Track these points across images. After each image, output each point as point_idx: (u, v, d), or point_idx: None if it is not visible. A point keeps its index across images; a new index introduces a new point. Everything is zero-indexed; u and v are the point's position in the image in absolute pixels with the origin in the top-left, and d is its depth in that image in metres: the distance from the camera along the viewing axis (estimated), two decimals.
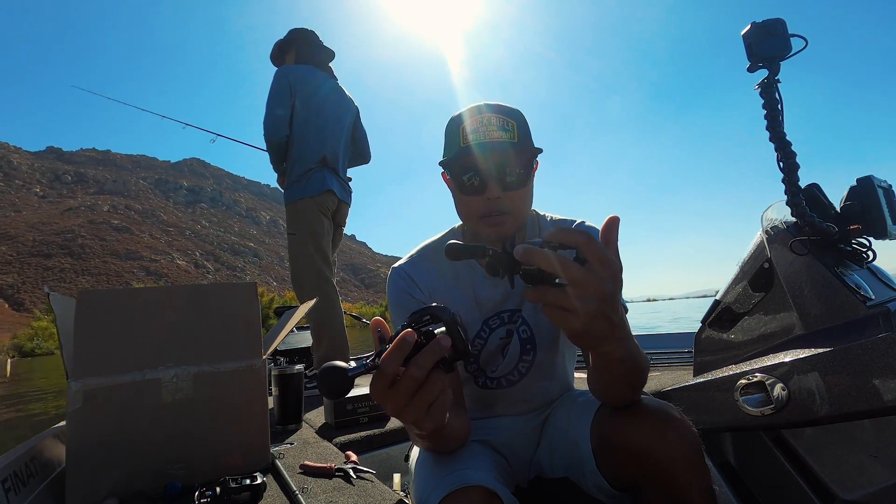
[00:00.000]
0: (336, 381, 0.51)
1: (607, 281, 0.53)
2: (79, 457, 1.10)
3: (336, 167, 2.59)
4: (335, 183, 2.56)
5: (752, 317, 1.18)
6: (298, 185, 2.49)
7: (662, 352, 2.61)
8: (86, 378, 1.13)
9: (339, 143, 2.64)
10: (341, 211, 2.67)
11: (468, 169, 0.89)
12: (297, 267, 2.48)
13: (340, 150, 2.65)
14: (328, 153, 2.54)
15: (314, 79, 2.59)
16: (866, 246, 1.18)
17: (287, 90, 2.49)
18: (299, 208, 2.48)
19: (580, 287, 0.52)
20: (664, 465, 0.70)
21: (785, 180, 1.09)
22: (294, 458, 1.35)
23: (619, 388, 0.76)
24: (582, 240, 0.52)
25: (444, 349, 0.52)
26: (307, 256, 2.44)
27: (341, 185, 2.63)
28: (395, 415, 0.55)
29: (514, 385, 1.02)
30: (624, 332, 0.61)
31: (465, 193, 0.91)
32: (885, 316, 0.95)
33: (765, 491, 1.11)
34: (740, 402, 1.03)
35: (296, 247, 2.47)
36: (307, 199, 2.46)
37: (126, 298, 1.26)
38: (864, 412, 0.87)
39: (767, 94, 1.10)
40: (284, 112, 2.49)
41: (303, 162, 2.50)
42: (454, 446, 0.84)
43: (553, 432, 0.98)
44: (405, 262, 1.03)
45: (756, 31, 1.08)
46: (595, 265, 0.52)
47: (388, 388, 0.52)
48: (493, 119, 0.88)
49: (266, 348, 1.37)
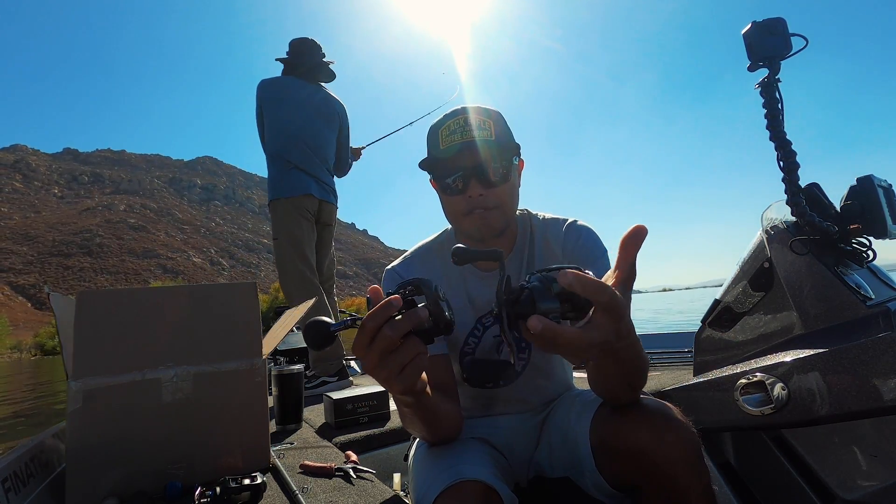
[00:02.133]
0: (319, 333, 0.57)
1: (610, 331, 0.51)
2: (79, 457, 1.10)
3: (313, 170, 2.67)
4: (313, 185, 2.64)
5: (752, 316, 1.18)
6: (273, 184, 2.62)
7: (662, 351, 2.61)
8: (86, 378, 1.13)
9: (315, 147, 2.71)
10: (325, 210, 2.73)
11: (448, 170, 0.92)
12: (280, 272, 2.61)
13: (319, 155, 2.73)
14: (298, 157, 2.64)
15: (289, 88, 2.71)
16: (866, 245, 1.18)
17: (257, 104, 2.71)
18: (277, 210, 2.60)
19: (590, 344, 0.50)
20: (663, 465, 0.70)
21: (785, 179, 1.09)
22: (294, 458, 1.35)
23: (619, 386, 0.76)
24: (599, 298, 0.49)
25: (420, 318, 0.54)
26: (289, 262, 2.56)
27: (320, 185, 2.70)
28: (369, 371, 0.58)
29: (511, 383, 1.02)
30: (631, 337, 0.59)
31: (448, 194, 0.94)
32: (885, 315, 0.95)
33: (765, 491, 1.11)
34: (740, 401, 1.03)
35: (279, 252, 2.60)
36: (283, 200, 2.58)
37: (126, 298, 1.26)
38: (864, 412, 0.87)
39: (768, 93, 1.10)
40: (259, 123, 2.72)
41: (276, 164, 2.63)
42: (444, 430, 0.85)
43: (552, 431, 0.98)
44: (399, 262, 1.05)
45: (756, 31, 1.08)
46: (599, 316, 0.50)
47: (366, 345, 0.55)
48: (469, 120, 0.90)
49: (266, 348, 1.37)
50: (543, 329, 0.47)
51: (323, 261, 2.80)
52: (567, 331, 0.49)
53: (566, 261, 0.96)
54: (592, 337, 0.50)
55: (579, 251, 0.96)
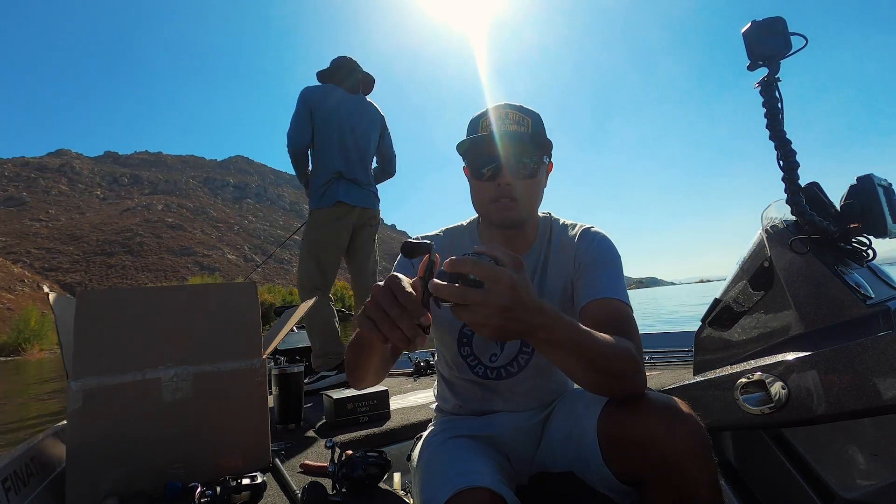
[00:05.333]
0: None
1: (503, 295, 0.59)
2: (79, 457, 1.10)
3: (355, 178, 2.73)
4: (355, 192, 2.71)
5: (751, 315, 1.17)
6: (316, 196, 2.70)
7: (662, 351, 2.61)
8: (86, 378, 1.13)
9: (359, 156, 2.78)
10: (365, 215, 2.79)
11: (483, 154, 0.97)
12: (298, 270, 2.73)
13: (362, 162, 2.80)
14: (344, 166, 2.70)
15: (333, 97, 2.75)
16: (866, 244, 1.18)
17: (305, 107, 2.70)
18: (313, 218, 2.71)
19: (481, 307, 0.59)
20: (671, 458, 0.70)
21: (785, 179, 1.09)
22: (294, 458, 1.35)
23: (585, 374, 0.75)
24: (468, 269, 0.60)
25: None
26: (304, 262, 2.69)
27: (363, 192, 2.77)
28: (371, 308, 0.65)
29: (513, 377, 1.03)
30: (547, 318, 0.65)
31: (479, 179, 0.98)
32: (885, 314, 0.95)
33: (765, 490, 1.11)
34: (740, 400, 1.02)
35: (302, 251, 2.72)
36: (322, 210, 2.67)
37: (126, 298, 1.26)
38: (864, 411, 0.87)
39: (767, 92, 1.10)
40: (304, 127, 2.71)
41: (322, 174, 2.69)
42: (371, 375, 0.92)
43: (556, 428, 0.98)
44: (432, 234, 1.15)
45: (756, 30, 1.08)
46: (490, 284, 0.59)
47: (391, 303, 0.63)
48: (510, 114, 0.98)
49: (266, 348, 1.37)
50: (435, 287, 0.60)
51: (367, 262, 2.84)
52: (453, 287, 0.59)
53: (578, 264, 1.01)
54: (488, 298, 0.59)
55: (589, 256, 1.00)
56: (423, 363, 2.85)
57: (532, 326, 0.63)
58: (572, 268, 1.01)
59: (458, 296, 0.59)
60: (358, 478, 1.10)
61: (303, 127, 2.69)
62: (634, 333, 0.86)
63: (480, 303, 0.59)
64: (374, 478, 1.12)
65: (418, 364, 2.85)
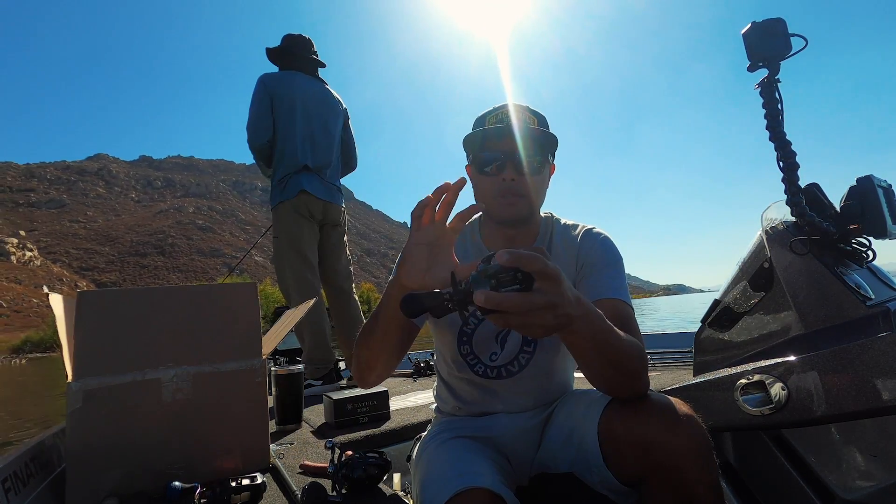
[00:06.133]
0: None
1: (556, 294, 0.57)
2: (79, 457, 1.10)
3: (320, 171, 2.61)
4: (317, 184, 2.57)
5: (751, 316, 1.17)
6: (277, 190, 2.55)
7: (662, 351, 2.61)
8: (86, 378, 1.13)
9: (325, 147, 2.65)
10: (331, 211, 2.66)
11: (488, 150, 0.97)
12: (278, 271, 2.56)
13: (327, 154, 2.66)
14: (310, 159, 2.57)
15: (295, 83, 2.60)
16: (866, 245, 1.18)
17: (265, 97, 2.54)
18: (279, 212, 2.55)
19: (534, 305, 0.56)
20: (673, 457, 0.70)
21: (785, 180, 1.09)
22: (294, 458, 1.35)
23: (604, 369, 0.75)
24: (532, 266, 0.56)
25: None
26: (286, 260, 2.52)
27: (326, 186, 2.63)
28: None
29: (513, 376, 1.02)
30: (584, 308, 0.64)
31: (485, 174, 0.98)
32: (884, 315, 0.95)
33: (765, 491, 1.11)
34: (740, 401, 1.02)
35: (277, 251, 2.54)
36: (285, 203, 2.52)
37: (126, 298, 1.26)
38: (863, 412, 0.87)
39: (767, 93, 1.10)
40: (265, 118, 2.54)
41: (284, 167, 2.55)
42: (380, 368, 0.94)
43: (556, 429, 0.98)
44: None
45: (756, 31, 1.08)
46: (544, 283, 0.56)
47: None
48: (517, 111, 0.98)
49: (266, 348, 1.37)
50: (486, 298, 0.54)
51: (338, 262, 2.73)
52: (509, 295, 0.55)
53: (580, 264, 1.01)
54: (535, 300, 0.55)
55: (592, 256, 1.00)
56: (423, 364, 2.85)
57: (572, 318, 0.61)
58: (575, 268, 1.01)
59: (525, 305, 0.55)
60: (358, 478, 1.10)
61: (264, 119, 2.51)
62: (638, 334, 0.86)
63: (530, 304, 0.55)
64: (373, 478, 1.12)
65: (418, 364, 2.85)
